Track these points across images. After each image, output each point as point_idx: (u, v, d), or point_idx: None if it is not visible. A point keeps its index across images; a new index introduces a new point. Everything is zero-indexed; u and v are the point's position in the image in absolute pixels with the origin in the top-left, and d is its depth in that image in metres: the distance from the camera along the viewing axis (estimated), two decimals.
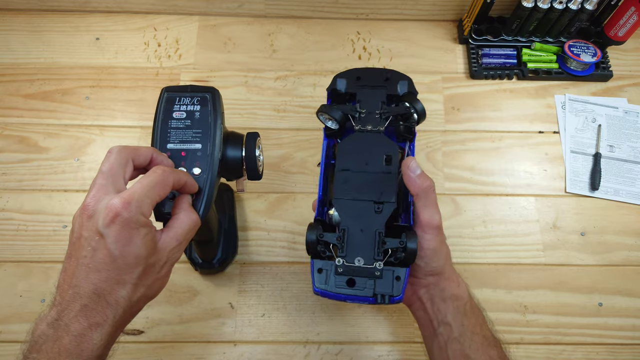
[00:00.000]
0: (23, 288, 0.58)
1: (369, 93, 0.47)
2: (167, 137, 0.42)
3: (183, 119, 0.43)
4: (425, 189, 0.40)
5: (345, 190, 0.42)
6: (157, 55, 0.72)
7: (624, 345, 0.58)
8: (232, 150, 0.45)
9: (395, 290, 0.38)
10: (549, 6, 0.66)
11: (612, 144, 0.68)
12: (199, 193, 0.40)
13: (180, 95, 0.44)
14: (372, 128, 0.44)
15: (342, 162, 0.43)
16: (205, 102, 0.44)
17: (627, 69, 0.73)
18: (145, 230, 0.34)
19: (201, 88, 0.45)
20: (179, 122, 0.43)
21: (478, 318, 0.43)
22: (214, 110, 0.43)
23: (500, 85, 0.72)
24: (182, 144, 0.42)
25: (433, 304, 0.42)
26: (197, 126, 0.43)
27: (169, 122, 0.43)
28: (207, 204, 0.40)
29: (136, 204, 0.33)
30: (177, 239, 0.37)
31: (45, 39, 0.73)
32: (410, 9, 0.74)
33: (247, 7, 0.74)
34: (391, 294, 0.38)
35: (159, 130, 0.43)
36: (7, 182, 0.64)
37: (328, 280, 0.39)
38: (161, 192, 0.35)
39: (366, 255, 0.39)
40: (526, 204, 0.65)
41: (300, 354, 0.57)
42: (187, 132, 0.42)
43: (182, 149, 0.42)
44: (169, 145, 0.42)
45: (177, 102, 0.44)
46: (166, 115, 0.43)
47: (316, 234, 0.39)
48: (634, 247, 0.62)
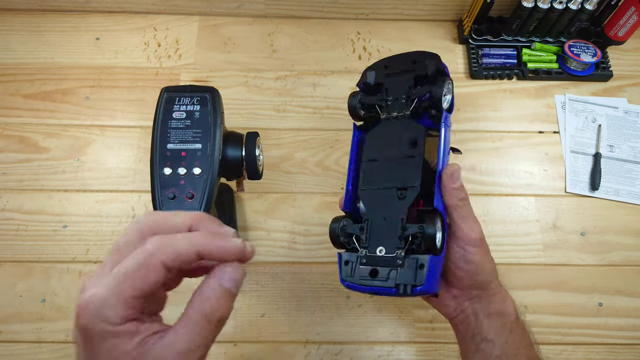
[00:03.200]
0: (23, 288, 0.58)
1: (396, 80, 0.44)
2: (167, 137, 0.42)
3: (183, 119, 0.43)
4: (461, 200, 0.39)
5: (371, 181, 0.40)
6: (157, 55, 0.72)
7: (624, 345, 0.58)
8: (232, 150, 0.45)
9: (418, 279, 0.35)
10: (549, 6, 0.66)
11: (612, 144, 0.68)
12: (198, 193, 0.41)
13: (180, 95, 0.44)
14: (397, 114, 0.42)
15: (368, 153, 0.42)
16: (205, 102, 0.44)
17: (627, 69, 0.73)
18: (113, 343, 0.24)
19: (201, 88, 0.45)
20: (179, 122, 0.43)
21: (524, 338, 0.41)
22: (214, 110, 0.44)
23: (500, 85, 0.72)
24: (182, 144, 0.42)
25: (477, 319, 0.40)
26: (197, 126, 0.43)
27: (169, 122, 0.43)
28: (207, 204, 0.40)
29: (96, 306, 0.23)
30: (178, 351, 0.24)
31: (45, 39, 0.73)
32: (410, 9, 0.74)
33: (247, 7, 0.74)
34: (414, 284, 0.35)
35: (159, 131, 0.43)
36: (7, 182, 0.64)
37: (354, 272, 0.38)
38: (144, 281, 0.24)
39: (388, 244, 0.37)
40: (526, 204, 0.65)
41: (300, 354, 0.57)
42: (187, 132, 0.42)
43: (182, 149, 0.42)
44: (169, 145, 0.42)
45: (177, 102, 0.44)
46: (166, 115, 0.43)
47: (338, 225, 0.39)
48: (634, 247, 0.62)
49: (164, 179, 0.42)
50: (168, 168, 0.42)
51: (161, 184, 0.42)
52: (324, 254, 0.61)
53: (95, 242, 0.61)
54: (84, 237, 0.61)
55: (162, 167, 0.42)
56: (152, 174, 0.42)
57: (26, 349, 0.56)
